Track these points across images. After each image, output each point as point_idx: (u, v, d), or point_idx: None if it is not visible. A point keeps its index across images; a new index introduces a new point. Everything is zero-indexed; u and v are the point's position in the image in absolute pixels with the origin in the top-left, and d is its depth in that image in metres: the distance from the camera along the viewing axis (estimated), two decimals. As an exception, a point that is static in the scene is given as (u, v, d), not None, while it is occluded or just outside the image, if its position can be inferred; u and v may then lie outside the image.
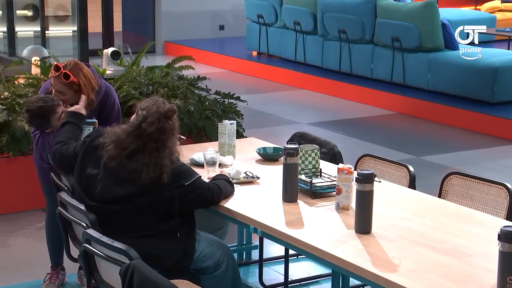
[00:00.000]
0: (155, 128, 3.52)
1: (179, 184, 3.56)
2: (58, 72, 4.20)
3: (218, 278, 3.74)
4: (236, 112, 6.71)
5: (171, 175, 3.54)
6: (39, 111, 4.22)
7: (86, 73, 4.28)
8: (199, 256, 3.72)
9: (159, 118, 3.54)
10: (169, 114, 3.58)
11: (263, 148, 4.62)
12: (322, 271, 4.87)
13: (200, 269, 3.72)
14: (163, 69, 6.91)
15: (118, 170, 3.56)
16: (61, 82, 4.21)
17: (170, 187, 3.54)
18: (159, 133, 3.53)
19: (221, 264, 3.74)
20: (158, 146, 3.53)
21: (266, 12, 12.06)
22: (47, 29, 12.19)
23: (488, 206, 4.00)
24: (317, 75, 10.96)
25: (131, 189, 3.53)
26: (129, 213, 3.56)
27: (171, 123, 3.59)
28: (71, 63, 4.26)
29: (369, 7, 10.33)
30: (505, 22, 13.44)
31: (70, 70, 4.22)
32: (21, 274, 4.90)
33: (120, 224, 3.58)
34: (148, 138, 3.53)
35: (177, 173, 3.57)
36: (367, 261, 3.15)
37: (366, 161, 4.58)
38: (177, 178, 3.56)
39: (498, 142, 8.31)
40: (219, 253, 3.77)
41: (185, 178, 3.59)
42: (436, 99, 9.42)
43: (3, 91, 6.24)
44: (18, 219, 5.79)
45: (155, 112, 3.55)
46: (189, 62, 7.12)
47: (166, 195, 3.54)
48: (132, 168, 3.53)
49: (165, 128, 3.55)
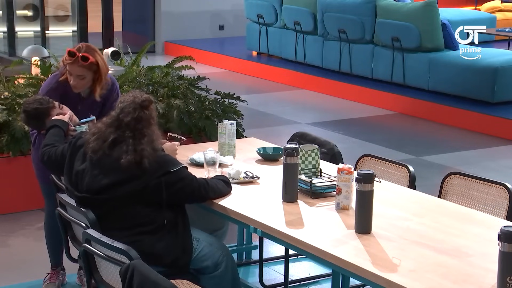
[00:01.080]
0: (131, 118, 3.64)
1: (165, 171, 3.60)
2: (74, 57, 4.21)
3: (218, 278, 3.74)
4: (236, 112, 6.71)
5: (157, 162, 3.60)
6: (35, 113, 4.23)
7: (99, 52, 4.34)
8: (198, 255, 3.72)
9: (135, 108, 3.66)
10: (145, 104, 3.70)
11: (263, 148, 4.62)
12: (322, 271, 4.87)
13: (200, 269, 3.73)
14: (163, 69, 6.91)
15: (102, 161, 3.64)
16: (80, 66, 4.22)
17: (156, 174, 3.58)
18: (135, 122, 3.64)
19: (220, 264, 3.75)
20: (135, 134, 3.63)
21: (266, 12, 12.06)
22: (47, 29, 12.20)
23: (488, 206, 4.00)
24: (317, 75, 10.96)
25: (116, 177, 3.59)
26: (118, 203, 3.59)
27: (148, 113, 3.69)
28: (83, 45, 4.27)
29: (369, 7, 10.33)
30: (505, 22, 13.44)
31: (86, 52, 4.24)
32: (21, 274, 4.90)
33: (112, 218, 3.60)
34: (126, 128, 3.64)
35: (163, 161, 3.64)
36: (367, 261, 3.15)
37: (366, 161, 4.58)
38: (163, 165, 3.61)
39: (498, 142, 8.31)
40: (218, 253, 3.78)
41: (171, 165, 3.65)
42: (436, 99, 9.42)
43: (3, 91, 6.24)
44: (18, 219, 5.80)
45: (131, 102, 3.68)
46: (189, 62, 7.13)
47: (153, 183, 3.58)
48: (115, 157, 3.61)
49: (141, 117, 3.66)
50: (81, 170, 3.69)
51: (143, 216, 3.61)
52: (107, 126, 3.69)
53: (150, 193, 3.59)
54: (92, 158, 3.67)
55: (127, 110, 3.67)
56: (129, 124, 3.64)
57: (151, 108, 3.72)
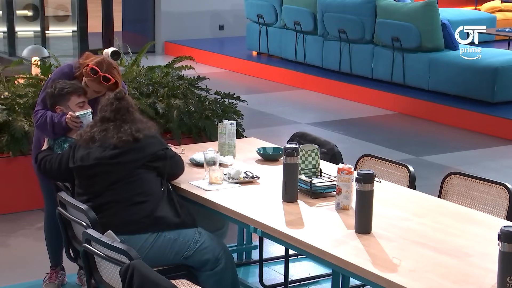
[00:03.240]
0: (110, 111, 3.94)
1: (166, 146, 4.01)
2: (96, 75, 4.24)
3: (218, 275, 3.76)
4: (236, 112, 6.71)
5: (154, 138, 3.96)
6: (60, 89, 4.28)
7: (117, 69, 4.39)
8: (200, 247, 3.77)
9: (111, 102, 3.96)
10: (119, 95, 3.97)
11: (263, 148, 4.63)
12: (322, 271, 4.87)
13: (201, 262, 3.76)
14: (163, 69, 6.91)
15: (98, 144, 3.91)
16: (99, 84, 4.27)
17: (162, 147, 3.96)
18: (115, 113, 3.93)
19: (221, 260, 3.78)
20: (116, 124, 3.91)
21: (266, 12, 12.06)
22: (47, 29, 12.20)
23: (488, 206, 4.00)
24: (317, 75, 10.96)
25: (121, 149, 3.86)
26: (128, 168, 3.83)
27: (124, 102, 3.97)
28: (103, 64, 4.26)
29: (369, 7, 10.33)
30: (505, 22, 13.44)
31: (107, 71, 4.26)
32: (21, 274, 4.90)
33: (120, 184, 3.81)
34: (108, 121, 3.93)
35: (161, 139, 4.04)
36: (367, 261, 3.15)
37: (366, 161, 4.58)
38: (163, 142, 4.00)
39: (498, 142, 8.31)
40: (219, 248, 3.82)
41: (165, 143, 4.05)
42: (436, 99, 9.42)
43: (3, 91, 6.24)
44: (18, 219, 5.80)
45: (106, 100, 4.00)
46: (189, 62, 7.12)
47: (160, 153, 3.92)
48: (109, 141, 3.89)
49: (119, 108, 3.95)
50: (86, 154, 3.89)
51: (148, 181, 3.81)
52: (92, 126, 3.99)
53: (153, 162, 3.88)
54: (93, 141, 3.91)
55: (105, 108, 3.97)
56: (109, 117, 3.92)
57: (127, 98, 4.01)
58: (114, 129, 3.88)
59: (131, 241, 3.66)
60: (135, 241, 3.69)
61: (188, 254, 3.76)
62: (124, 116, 3.93)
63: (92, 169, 3.85)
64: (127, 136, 3.86)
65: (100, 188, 3.82)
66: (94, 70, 4.23)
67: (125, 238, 3.65)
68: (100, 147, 3.87)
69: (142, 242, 3.70)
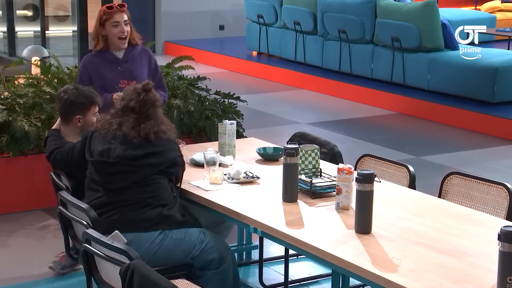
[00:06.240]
0: (136, 101, 3.82)
1: (181, 152, 3.97)
2: (113, 8, 4.74)
3: (222, 274, 3.78)
4: (236, 112, 6.71)
5: (176, 144, 3.95)
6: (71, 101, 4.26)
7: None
8: (205, 247, 3.77)
9: (139, 93, 3.84)
10: (148, 86, 3.87)
11: (263, 148, 4.63)
12: (322, 271, 4.87)
13: (207, 262, 3.77)
14: (163, 69, 6.91)
15: (119, 140, 3.81)
16: (122, 11, 4.73)
17: (179, 153, 3.93)
18: (141, 105, 3.82)
19: (225, 259, 3.80)
20: (140, 117, 3.81)
21: (266, 12, 12.06)
22: (47, 29, 12.20)
23: (488, 206, 4.00)
24: (317, 75, 10.96)
25: (137, 152, 3.78)
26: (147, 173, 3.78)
27: (152, 95, 3.86)
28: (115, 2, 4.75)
29: (369, 7, 10.33)
30: (505, 22, 13.44)
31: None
32: (21, 274, 4.90)
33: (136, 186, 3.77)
34: (132, 111, 3.83)
35: (177, 144, 3.99)
36: (367, 261, 3.15)
37: (366, 161, 4.58)
38: (178, 147, 3.97)
39: (498, 142, 8.31)
40: (223, 248, 3.84)
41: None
42: (436, 99, 9.42)
43: (3, 91, 6.24)
44: (18, 219, 5.79)
45: (133, 89, 3.88)
46: (189, 62, 7.13)
47: (178, 160, 3.90)
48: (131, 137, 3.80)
49: (146, 100, 3.84)
50: (106, 149, 3.80)
51: (164, 188, 3.81)
52: (112, 116, 3.86)
53: (170, 168, 3.85)
54: (115, 137, 3.81)
55: (131, 97, 3.82)
56: (134, 107, 3.81)
57: (154, 92, 3.90)
58: (136, 123, 3.79)
59: (140, 240, 3.67)
60: (144, 239, 3.69)
61: (195, 254, 3.76)
62: (150, 111, 3.83)
63: (113, 167, 3.79)
64: (150, 135, 3.78)
65: (118, 186, 3.78)
66: (110, 6, 4.68)
67: (134, 236, 3.65)
68: (121, 143, 3.79)
69: (151, 240, 3.70)
